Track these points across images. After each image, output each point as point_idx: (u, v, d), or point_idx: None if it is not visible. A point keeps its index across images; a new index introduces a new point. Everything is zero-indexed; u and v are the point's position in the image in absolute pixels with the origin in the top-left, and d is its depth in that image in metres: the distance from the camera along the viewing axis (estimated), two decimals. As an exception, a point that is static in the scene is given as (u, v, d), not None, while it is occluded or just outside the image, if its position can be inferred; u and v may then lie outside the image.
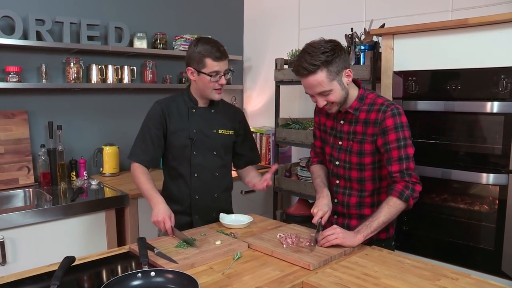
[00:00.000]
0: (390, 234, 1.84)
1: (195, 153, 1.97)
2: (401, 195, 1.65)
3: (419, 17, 2.60)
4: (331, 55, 1.60)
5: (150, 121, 1.97)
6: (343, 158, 1.80)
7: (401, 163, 1.66)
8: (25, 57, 2.70)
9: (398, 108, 1.69)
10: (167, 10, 3.37)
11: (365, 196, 1.79)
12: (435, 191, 2.20)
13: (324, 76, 1.61)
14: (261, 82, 3.84)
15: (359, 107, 1.74)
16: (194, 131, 1.96)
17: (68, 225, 2.36)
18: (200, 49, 1.87)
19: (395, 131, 1.66)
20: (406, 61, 2.18)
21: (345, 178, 1.82)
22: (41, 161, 2.71)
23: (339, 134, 1.81)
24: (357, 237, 1.63)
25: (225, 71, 1.91)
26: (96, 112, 3.04)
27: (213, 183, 2.02)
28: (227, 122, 2.04)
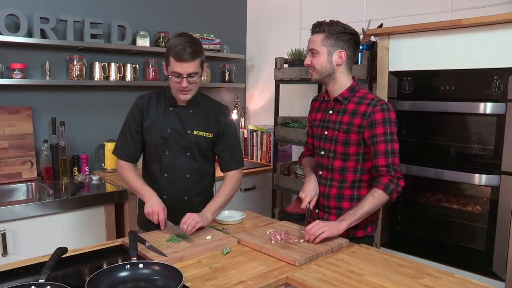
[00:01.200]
0: (368, 232, 1.86)
1: (167, 153, 1.91)
2: (386, 188, 1.70)
3: (418, 17, 2.60)
4: (339, 31, 1.74)
5: (130, 115, 1.96)
6: (328, 147, 1.85)
7: (387, 157, 1.71)
8: (29, 55, 2.76)
9: (388, 104, 1.75)
10: (170, 9, 3.41)
11: (345, 187, 1.82)
12: (429, 191, 2.21)
13: (320, 38, 1.75)
14: (263, 81, 3.87)
15: (348, 97, 1.80)
16: (168, 130, 1.90)
17: (68, 218, 2.42)
18: (170, 44, 1.78)
19: (383, 125, 1.71)
20: (401, 61, 2.19)
21: (328, 168, 1.86)
22: (43, 156, 2.77)
23: (326, 123, 1.85)
24: (342, 224, 1.67)
25: (190, 74, 1.78)
26: (99, 108, 3.10)
27: (183, 185, 1.94)
28: (206, 123, 1.93)
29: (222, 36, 3.63)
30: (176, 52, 1.74)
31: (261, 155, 3.67)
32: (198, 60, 1.78)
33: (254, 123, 3.94)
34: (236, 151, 2.00)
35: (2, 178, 2.66)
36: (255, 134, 3.70)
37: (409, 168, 2.17)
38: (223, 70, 3.71)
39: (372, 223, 1.86)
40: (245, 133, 3.79)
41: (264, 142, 3.62)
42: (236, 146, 2.01)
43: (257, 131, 3.69)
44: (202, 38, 3.42)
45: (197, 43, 1.79)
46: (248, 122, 4.00)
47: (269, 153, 3.57)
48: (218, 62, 3.71)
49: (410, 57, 2.16)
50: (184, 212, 1.83)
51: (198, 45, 1.78)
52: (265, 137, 3.61)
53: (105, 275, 1.32)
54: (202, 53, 1.81)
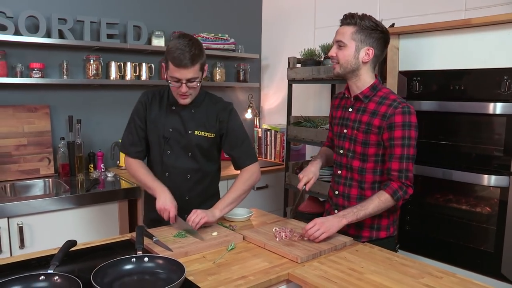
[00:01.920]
0: (391, 233, 1.83)
1: (168, 152, 1.92)
2: (394, 194, 1.68)
3: (432, 17, 2.58)
4: (370, 27, 1.69)
5: (134, 112, 1.96)
6: (347, 146, 1.82)
7: (402, 162, 1.68)
8: (48, 54, 2.85)
9: (410, 107, 1.70)
10: (185, 9, 3.46)
11: (365, 189, 1.79)
12: (439, 192, 2.19)
13: (350, 31, 1.71)
14: (277, 80, 3.89)
15: (369, 95, 1.76)
16: (169, 130, 1.90)
17: (83, 213, 2.49)
18: (168, 48, 1.74)
19: (402, 129, 1.66)
20: (411, 61, 2.18)
21: (347, 168, 1.83)
22: (60, 153, 2.85)
23: (346, 122, 1.83)
24: (341, 221, 1.66)
25: (189, 79, 1.75)
26: (114, 107, 3.17)
27: (184, 185, 1.94)
28: (207, 123, 1.91)
29: (237, 36, 3.66)
30: (175, 57, 1.70)
31: (274, 154, 3.69)
32: (197, 65, 1.74)
33: (269, 122, 3.96)
34: (245, 147, 1.95)
35: (21, 174, 2.75)
36: (268, 133, 3.72)
37: (418, 168, 2.16)
38: (238, 70, 3.74)
39: (394, 223, 1.85)
40: (259, 132, 3.82)
41: (278, 141, 3.64)
42: (244, 141, 1.95)
43: (271, 130, 3.71)
44: (216, 38, 3.46)
45: (196, 46, 1.73)
46: (263, 121, 4.02)
47: (282, 152, 3.59)
48: (233, 62, 3.75)
49: (420, 56, 2.14)
50: (185, 212, 1.84)
51: (197, 49, 1.73)
52: (278, 136, 3.63)
53: (111, 267, 1.36)
54: (202, 56, 1.76)
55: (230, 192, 1.90)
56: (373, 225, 1.80)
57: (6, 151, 2.72)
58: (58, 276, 1.30)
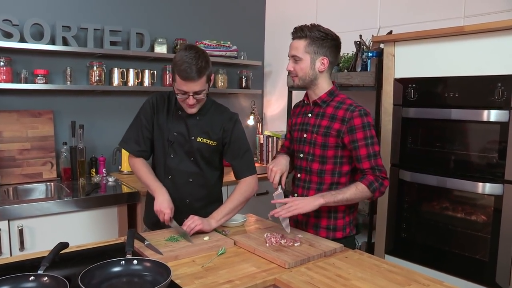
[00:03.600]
0: (347, 233, 1.88)
1: (171, 156, 1.94)
2: (370, 185, 1.74)
3: (431, 24, 2.58)
4: (321, 37, 1.76)
5: (142, 111, 1.98)
6: (307, 150, 1.88)
7: (370, 160, 1.75)
8: (52, 61, 2.91)
9: (365, 110, 1.78)
10: (187, 16, 3.50)
11: (323, 190, 1.84)
12: (435, 199, 2.19)
13: (302, 45, 1.78)
14: (280, 87, 3.91)
15: (327, 100, 1.84)
16: (174, 134, 1.93)
17: (82, 217, 2.53)
18: (176, 60, 1.76)
19: (363, 130, 1.75)
20: (406, 68, 2.19)
21: (306, 171, 1.89)
22: (63, 158, 2.90)
23: (305, 127, 1.89)
24: (318, 200, 1.72)
25: (196, 92, 1.78)
26: (117, 113, 3.21)
27: (185, 188, 1.96)
28: (210, 131, 1.93)
29: (239, 42, 3.69)
30: (181, 70, 1.73)
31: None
32: (204, 77, 1.77)
33: (271, 128, 3.97)
34: (246, 158, 1.97)
35: (24, 177, 2.80)
36: (270, 139, 3.74)
37: (413, 175, 2.16)
38: (240, 77, 3.77)
39: (350, 223, 1.90)
40: (261, 139, 3.83)
41: (279, 147, 3.65)
42: (245, 152, 1.97)
43: (272, 137, 3.72)
44: (219, 45, 3.49)
45: (203, 58, 1.75)
46: (265, 128, 4.04)
47: (282, 156, 3.59)
48: (235, 69, 3.78)
49: (415, 64, 2.15)
50: (186, 214, 1.86)
51: (204, 61, 1.75)
52: (280, 143, 3.64)
53: (99, 269, 1.38)
54: (208, 68, 1.79)
55: (227, 203, 1.92)
56: (330, 226, 1.87)
57: (10, 155, 2.77)
58: (47, 277, 1.33)
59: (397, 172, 2.25)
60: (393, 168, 2.27)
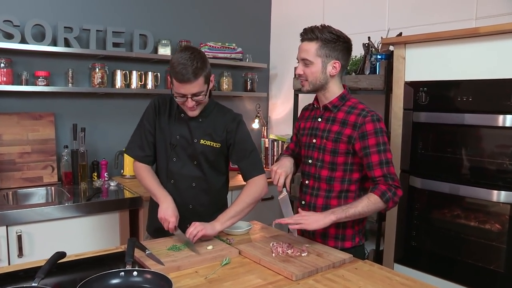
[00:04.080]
0: (356, 243, 1.80)
1: (174, 159, 1.90)
2: (383, 195, 1.65)
3: (441, 26, 2.50)
4: (332, 40, 1.68)
5: (145, 115, 1.94)
6: (316, 156, 1.81)
7: (382, 168, 1.67)
8: (53, 62, 2.85)
9: (378, 115, 1.71)
10: (192, 17, 3.45)
11: (331, 197, 1.77)
12: (446, 207, 2.11)
13: (314, 48, 1.69)
14: (285, 90, 3.84)
15: (338, 105, 1.76)
16: (176, 137, 1.88)
17: (83, 223, 2.47)
18: (172, 62, 1.71)
19: (375, 136, 1.67)
20: (417, 71, 2.12)
21: (315, 177, 1.82)
22: (64, 161, 2.84)
23: (315, 132, 1.82)
24: (329, 217, 1.63)
25: (194, 94, 1.72)
26: (119, 116, 3.16)
27: (188, 193, 1.91)
28: (214, 133, 1.88)
29: (244, 44, 3.63)
30: (177, 73, 1.68)
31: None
32: (201, 78, 1.71)
33: (276, 132, 3.91)
34: (253, 158, 1.90)
35: (24, 181, 2.75)
36: (276, 143, 3.67)
37: (424, 182, 2.09)
38: (245, 79, 3.71)
39: (359, 232, 1.82)
40: (266, 143, 3.77)
41: (284, 151, 3.57)
42: (251, 152, 1.90)
43: (278, 140, 3.66)
44: (223, 47, 3.43)
45: (198, 59, 1.70)
46: (270, 131, 3.97)
47: (288, 160, 3.52)
48: (240, 71, 3.72)
49: (427, 67, 2.08)
50: (189, 221, 1.81)
51: (199, 61, 1.69)
52: (285, 147, 3.57)
53: (97, 281, 1.32)
54: (205, 68, 1.72)
55: (234, 205, 1.85)
56: (338, 235, 1.79)
57: (10, 158, 2.72)
58: (41, 290, 1.26)
59: (407, 179, 2.17)
60: (403, 174, 2.19)
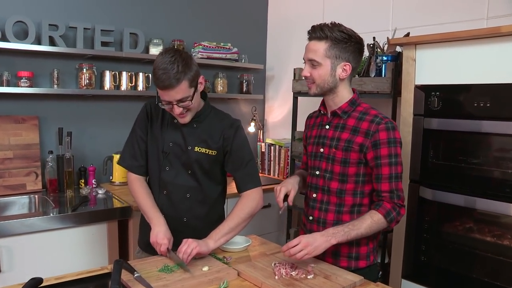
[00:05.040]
0: (371, 262, 1.66)
1: (167, 168, 1.76)
2: (387, 215, 1.53)
3: (450, 26, 2.37)
4: (344, 39, 1.54)
5: (137, 121, 1.82)
6: (324, 167, 1.65)
7: (391, 182, 1.55)
8: (37, 62, 2.68)
9: (393, 122, 1.58)
10: (185, 15, 3.29)
11: (343, 212, 1.62)
12: (459, 220, 1.97)
13: (322, 48, 1.54)
14: (283, 92, 3.70)
15: (348, 111, 1.61)
16: (169, 144, 1.75)
17: (68, 235, 2.29)
18: (153, 67, 1.58)
19: (387, 146, 1.53)
20: (429, 74, 1.98)
21: (324, 190, 1.66)
22: (48, 168, 2.67)
23: (322, 140, 1.67)
24: (330, 241, 1.49)
25: (179, 100, 1.58)
26: (108, 119, 2.99)
27: (182, 205, 1.77)
28: (209, 139, 1.75)
29: (240, 45, 3.48)
30: (157, 79, 1.55)
31: (278, 170, 3.47)
32: (184, 82, 1.56)
33: (273, 136, 3.76)
34: (249, 169, 1.78)
35: (5, 189, 2.57)
36: (272, 148, 3.52)
37: (436, 193, 1.94)
38: (241, 81, 3.56)
39: (374, 250, 1.68)
40: (263, 147, 3.62)
41: (282, 157, 3.43)
42: (248, 162, 1.78)
43: (275, 145, 3.51)
44: (218, 46, 3.27)
45: (180, 61, 1.54)
46: (267, 135, 3.82)
47: (286, 168, 3.38)
48: (235, 72, 3.57)
49: (440, 69, 1.94)
50: (183, 235, 1.68)
51: (182, 64, 1.54)
52: (283, 152, 3.43)
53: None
54: (188, 71, 1.57)
55: (228, 221, 1.71)
56: (351, 254, 1.64)
57: (-10, 165, 2.54)
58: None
59: (417, 189, 2.03)
60: (412, 184, 2.05)
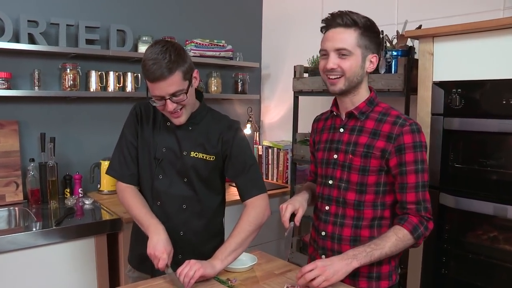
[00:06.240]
0: (393, 281, 1.49)
1: (160, 177, 1.60)
2: (414, 230, 1.37)
3: (462, 18, 2.20)
4: (371, 28, 1.41)
5: (126, 126, 1.66)
6: (339, 175, 1.47)
7: (418, 192, 1.39)
8: (16, 62, 2.47)
9: (417, 124, 1.42)
10: (176, 11, 3.10)
11: (362, 227, 1.45)
12: (482, 229, 1.80)
13: (353, 36, 1.38)
14: (280, 91, 3.51)
15: (366, 111, 1.45)
16: (163, 149, 1.59)
17: (52, 252, 2.08)
18: (142, 60, 1.44)
19: (413, 151, 1.38)
20: (449, 69, 1.81)
21: (338, 202, 1.48)
22: (30, 177, 2.45)
23: (336, 145, 1.49)
24: (351, 265, 1.33)
25: (172, 93, 1.44)
26: (95, 123, 2.79)
27: (178, 217, 1.61)
28: (207, 143, 1.60)
29: (234, 42, 3.29)
30: (147, 70, 1.41)
31: (277, 174, 3.29)
32: (178, 73, 1.42)
33: (270, 138, 3.58)
34: (253, 174, 1.63)
35: (-18, 202, 2.35)
36: (270, 151, 3.34)
37: (459, 201, 1.78)
38: (236, 80, 3.38)
39: (396, 268, 1.52)
40: (260, 150, 3.43)
41: (281, 160, 3.24)
42: (251, 167, 1.63)
43: (273, 147, 3.32)
44: (212, 44, 3.08)
45: (173, 51, 1.42)
46: (263, 137, 3.64)
47: (286, 172, 3.20)
48: (230, 71, 3.38)
49: (461, 63, 1.77)
50: (180, 250, 1.55)
51: (174, 54, 1.41)
52: (281, 155, 3.24)
53: None
54: (182, 62, 1.44)
55: (234, 236, 1.54)
56: (372, 274, 1.46)
57: (-36, 175, 2.32)
58: None
59: (437, 196, 1.86)
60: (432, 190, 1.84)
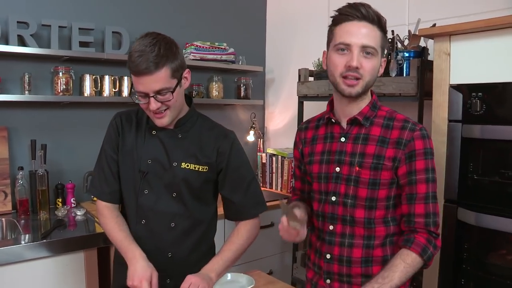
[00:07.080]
0: None
1: (145, 192, 1.46)
2: (424, 252, 1.23)
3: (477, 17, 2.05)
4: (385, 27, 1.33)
5: (105, 139, 1.54)
6: (343, 191, 1.32)
7: (427, 204, 1.26)
8: (5, 65, 2.36)
9: (425, 129, 1.31)
10: (175, 13, 2.99)
11: (374, 246, 1.30)
12: (508, 249, 1.63)
13: (378, 34, 1.29)
14: (284, 97, 3.39)
15: (370, 116, 1.33)
16: (148, 161, 1.46)
17: (38, 267, 1.94)
18: (131, 50, 1.34)
19: (424, 158, 1.26)
20: (468, 70, 1.66)
21: (345, 221, 1.33)
22: (19, 186, 2.33)
23: (337, 156, 1.34)
24: None
25: (157, 91, 1.33)
26: (89, 129, 2.67)
27: (166, 237, 1.47)
28: (199, 153, 1.47)
29: (237, 45, 3.17)
30: (133, 62, 1.30)
31: (281, 183, 3.14)
32: (166, 69, 1.31)
33: (274, 145, 3.44)
34: (253, 190, 1.53)
35: (-33, 212, 2.22)
36: (274, 159, 3.19)
37: (479, 217, 1.61)
38: (238, 85, 3.26)
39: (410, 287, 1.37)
40: (263, 158, 3.29)
41: (286, 168, 3.10)
42: (251, 183, 1.53)
43: (277, 155, 3.18)
44: (213, 47, 2.96)
45: (163, 45, 1.31)
46: (267, 145, 3.51)
47: (290, 181, 3.05)
48: (232, 76, 3.26)
49: (482, 65, 1.63)
50: (168, 274, 1.43)
51: (164, 48, 1.31)
52: (286, 163, 3.09)
53: None
54: (172, 57, 1.33)
55: (230, 250, 1.47)
56: None
57: (-51, 184, 2.20)
58: None
59: (455, 212, 1.69)
60: (448, 205, 1.71)
